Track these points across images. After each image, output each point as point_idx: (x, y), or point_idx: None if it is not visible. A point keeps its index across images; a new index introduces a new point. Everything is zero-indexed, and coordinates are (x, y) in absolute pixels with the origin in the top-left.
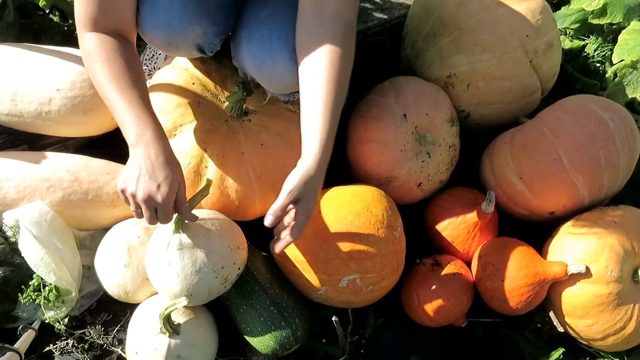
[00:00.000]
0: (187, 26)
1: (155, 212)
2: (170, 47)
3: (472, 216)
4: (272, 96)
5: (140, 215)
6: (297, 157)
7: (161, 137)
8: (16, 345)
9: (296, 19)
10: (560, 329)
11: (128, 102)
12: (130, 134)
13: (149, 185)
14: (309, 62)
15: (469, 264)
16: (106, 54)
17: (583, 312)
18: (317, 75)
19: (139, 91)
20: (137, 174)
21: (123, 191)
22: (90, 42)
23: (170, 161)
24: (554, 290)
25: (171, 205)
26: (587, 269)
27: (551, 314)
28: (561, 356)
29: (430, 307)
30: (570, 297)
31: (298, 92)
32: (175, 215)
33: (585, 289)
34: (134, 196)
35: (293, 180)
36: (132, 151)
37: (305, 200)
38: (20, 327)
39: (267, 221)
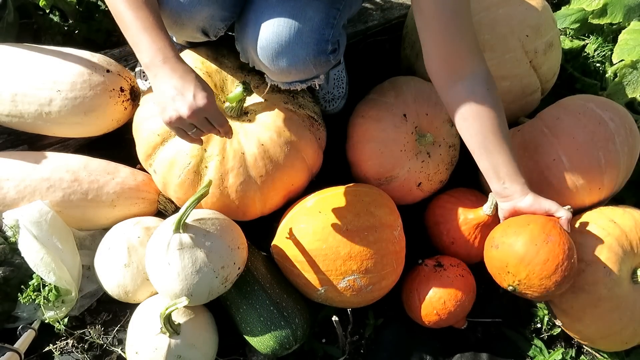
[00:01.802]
0: (197, 6)
1: (209, 122)
2: (176, 25)
3: (474, 217)
4: (272, 85)
5: (198, 138)
6: (297, 157)
7: (175, 57)
8: (16, 345)
9: (307, 4)
10: (558, 323)
11: (142, 20)
12: (145, 54)
13: (186, 99)
14: (466, 124)
15: (470, 266)
16: None
17: (581, 312)
18: (482, 135)
19: (153, 12)
20: (170, 98)
21: (170, 123)
22: None
23: (191, 71)
24: None
25: (216, 108)
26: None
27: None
28: (561, 356)
29: (431, 308)
30: (570, 297)
31: (299, 80)
32: (175, 216)
33: (584, 289)
34: (181, 118)
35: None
36: (151, 79)
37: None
38: (20, 327)
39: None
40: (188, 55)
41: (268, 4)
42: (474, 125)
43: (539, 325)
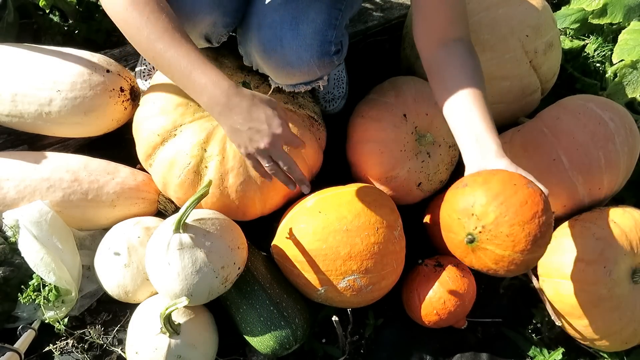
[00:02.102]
0: (199, 14)
1: (285, 152)
2: None
3: None
4: (276, 87)
5: (278, 169)
6: (297, 156)
7: (232, 85)
8: (16, 345)
9: (309, 6)
10: (558, 323)
11: (186, 57)
12: (203, 94)
13: (259, 131)
14: (441, 85)
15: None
16: (150, 5)
17: (582, 312)
18: (455, 92)
19: (192, 43)
20: (243, 132)
21: (251, 156)
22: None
23: (252, 97)
24: (553, 290)
25: (289, 130)
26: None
27: (547, 305)
28: (561, 356)
29: (431, 308)
30: (569, 297)
31: (303, 82)
32: (175, 216)
33: (583, 289)
34: (261, 151)
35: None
36: (216, 117)
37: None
38: (20, 327)
39: None
40: None
41: (270, 7)
42: (449, 84)
43: (539, 325)
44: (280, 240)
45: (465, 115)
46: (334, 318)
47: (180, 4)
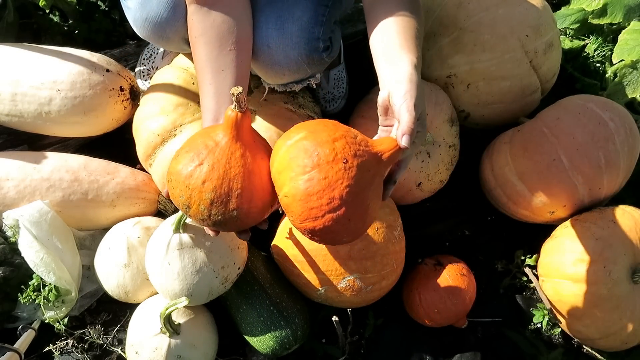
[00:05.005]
0: (180, 19)
1: None
2: (162, 39)
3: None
4: (270, 88)
5: None
6: None
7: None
8: (16, 345)
9: (294, 4)
10: (558, 323)
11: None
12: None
13: None
14: (378, 22)
15: (470, 265)
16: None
17: (581, 312)
18: (387, 23)
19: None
20: None
21: None
22: (192, 19)
23: None
24: (553, 290)
25: None
26: None
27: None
28: (561, 356)
29: (431, 307)
30: (569, 297)
31: (294, 82)
32: (175, 216)
33: (583, 289)
34: None
35: (409, 96)
36: None
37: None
38: (20, 327)
39: (405, 141)
40: (184, 59)
41: (255, 8)
42: (371, 15)
43: (539, 325)
44: (280, 240)
45: (380, 37)
46: (334, 318)
47: (161, 9)
